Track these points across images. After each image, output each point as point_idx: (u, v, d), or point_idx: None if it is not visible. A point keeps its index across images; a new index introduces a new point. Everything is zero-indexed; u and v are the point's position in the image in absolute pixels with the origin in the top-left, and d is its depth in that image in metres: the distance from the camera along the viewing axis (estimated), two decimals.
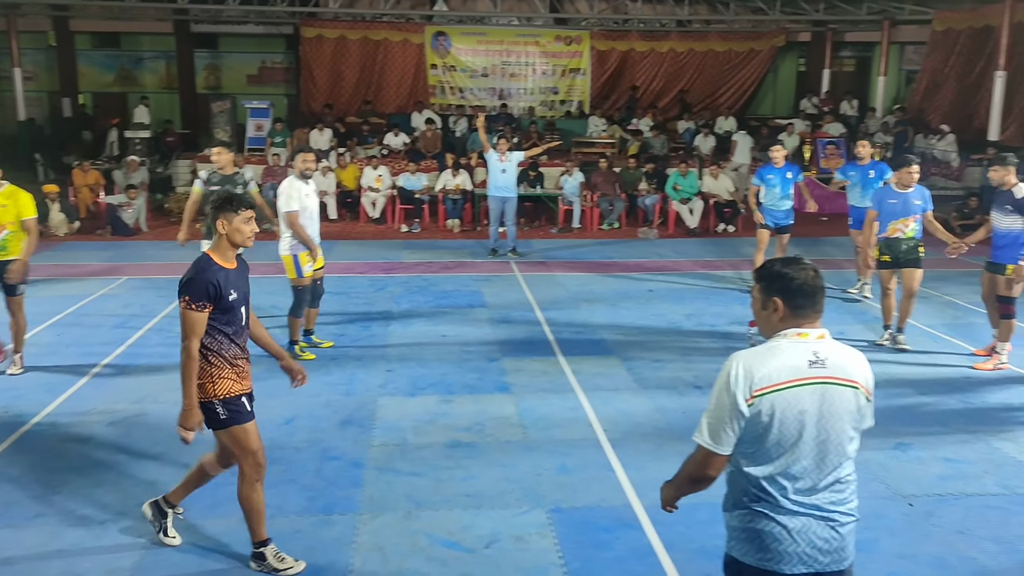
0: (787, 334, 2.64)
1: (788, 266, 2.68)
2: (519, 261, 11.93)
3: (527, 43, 21.70)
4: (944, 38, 19.30)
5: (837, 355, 2.62)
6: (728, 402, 2.59)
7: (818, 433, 2.59)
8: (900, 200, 7.60)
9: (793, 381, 2.56)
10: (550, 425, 6.11)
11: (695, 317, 8.95)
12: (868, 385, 2.68)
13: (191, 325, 3.92)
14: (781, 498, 2.61)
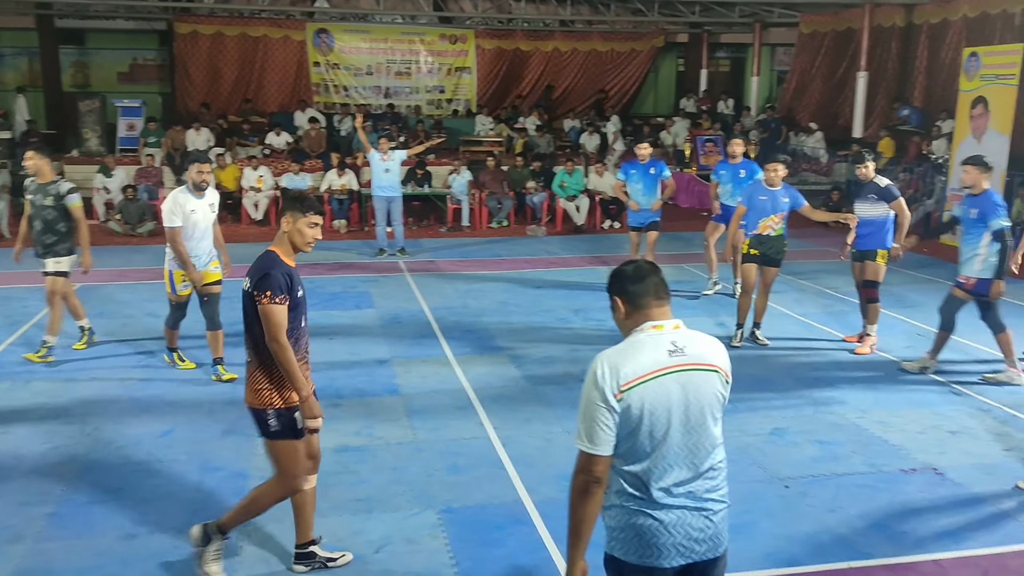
0: (643, 328, 2.69)
1: (623, 266, 2.80)
2: (408, 261, 11.84)
3: (412, 41, 21.58)
4: (810, 40, 20.28)
5: (695, 342, 2.68)
6: (598, 401, 2.60)
7: (687, 420, 2.63)
8: (770, 197, 7.71)
9: (657, 371, 2.60)
10: (441, 425, 6.07)
11: (583, 313, 9.08)
12: (727, 369, 2.73)
13: (276, 320, 3.77)
14: (656, 492, 2.63)
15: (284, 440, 3.96)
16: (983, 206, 6.70)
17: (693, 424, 2.64)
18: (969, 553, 4.38)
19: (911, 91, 17.52)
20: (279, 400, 3.91)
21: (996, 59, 12.58)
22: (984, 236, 6.70)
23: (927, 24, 16.90)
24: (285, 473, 4.01)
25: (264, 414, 3.91)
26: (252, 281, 3.85)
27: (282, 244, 4.00)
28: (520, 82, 22.38)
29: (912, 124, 16.66)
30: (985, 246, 6.69)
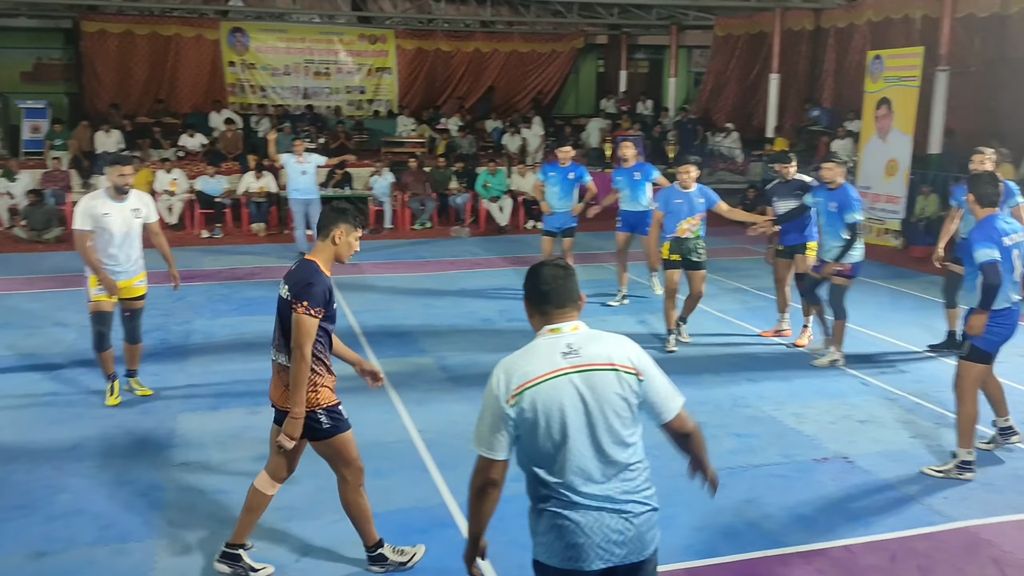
0: (543, 332, 2.71)
1: (531, 268, 2.78)
2: None
3: (331, 41, 21.29)
4: (725, 43, 20.77)
5: (592, 342, 2.66)
6: (492, 406, 2.64)
7: (588, 421, 2.60)
8: (685, 200, 7.67)
9: (549, 374, 2.59)
10: (364, 429, 5.95)
11: (507, 313, 9.11)
12: (636, 364, 2.66)
13: (307, 330, 3.82)
14: (570, 494, 2.62)
15: (338, 436, 4.04)
16: (841, 199, 7.11)
17: (595, 425, 2.61)
18: (878, 538, 4.55)
19: (820, 92, 18.11)
20: (324, 400, 4.00)
21: (898, 62, 13.11)
22: (843, 228, 7.10)
23: (834, 28, 17.49)
24: (348, 460, 4.12)
25: (315, 415, 3.98)
26: (291, 289, 3.87)
27: (324, 254, 4.00)
28: (442, 83, 22.31)
29: (822, 124, 17.22)
30: (845, 236, 7.10)
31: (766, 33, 18.72)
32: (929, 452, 5.64)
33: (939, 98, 13.44)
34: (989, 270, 5.01)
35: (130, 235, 6.34)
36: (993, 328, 5.12)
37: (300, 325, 3.82)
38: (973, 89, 14.46)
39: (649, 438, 2.83)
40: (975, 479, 5.20)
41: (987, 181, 5.27)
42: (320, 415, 3.98)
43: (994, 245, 5.05)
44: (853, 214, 7.06)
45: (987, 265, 5.02)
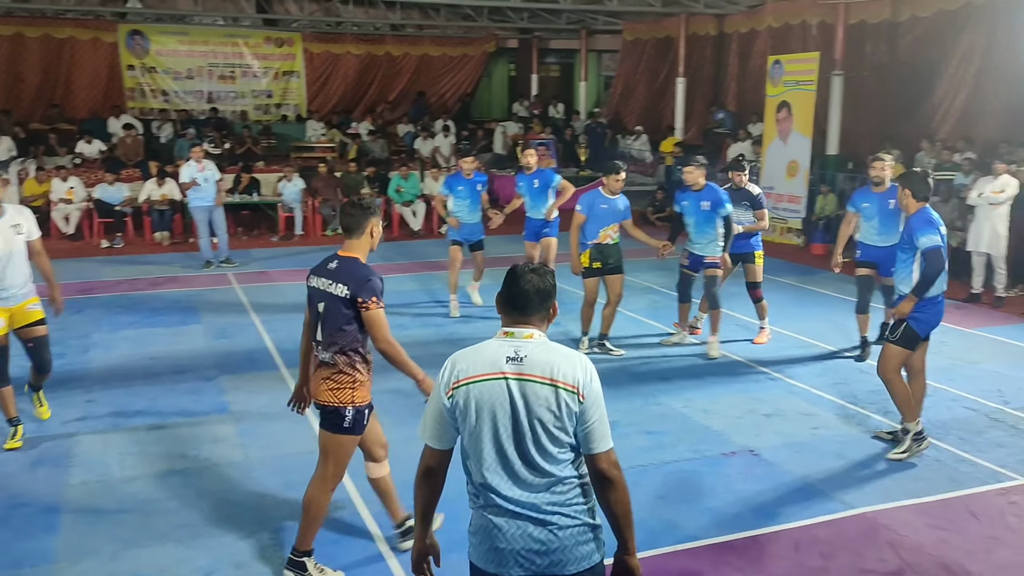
0: (498, 333, 2.72)
1: (513, 274, 2.74)
2: (237, 272, 11.39)
3: (235, 44, 20.76)
4: (633, 47, 21.15)
5: (540, 354, 2.62)
6: (435, 395, 2.70)
7: (516, 430, 2.60)
8: (610, 206, 7.55)
9: (488, 375, 2.62)
10: (274, 442, 5.87)
11: (422, 319, 9.05)
12: (579, 385, 2.59)
13: (385, 322, 3.99)
14: (495, 497, 2.63)
15: (351, 436, 4.09)
16: (711, 198, 7.62)
17: (523, 434, 2.60)
18: (783, 527, 4.68)
19: (725, 96, 18.61)
20: (359, 398, 4.06)
21: (797, 66, 13.58)
22: (717, 222, 7.64)
23: (737, 33, 18.00)
24: (339, 467, 4.15)
25: (342, 411, 4.02)
26: (352, 287, 3.92)
27: (363, 248, 4.12)
28: (353, 87, 22.04)
29: (726, 127, 17.70)
30: (719, 230, 7.68)
31: (672, 38, 19.14)
32: (830, 443, 5.83)
33: (835, 101, 13.97)
34: (933, 255, 5.30)
35: (13, 255, 5.62)
36: (926, 313, 5.43)
37: (378, 320, 3.95)
38: (866, 92, 15.09)
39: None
40: (871, 468, 5.42)
41: (921, 177, 5.58)
42: (348, 412, 4.04)
43: (936, 231, 5.35)
44: (725, 208, 7.59)
45: (931, 250, 5.31)
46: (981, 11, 13.10)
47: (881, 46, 15.02)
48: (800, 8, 15.82)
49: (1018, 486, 5.18)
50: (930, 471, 5.39)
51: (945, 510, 4.89)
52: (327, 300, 3.99)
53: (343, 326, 3.96)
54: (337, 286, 3.96)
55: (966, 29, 13.42)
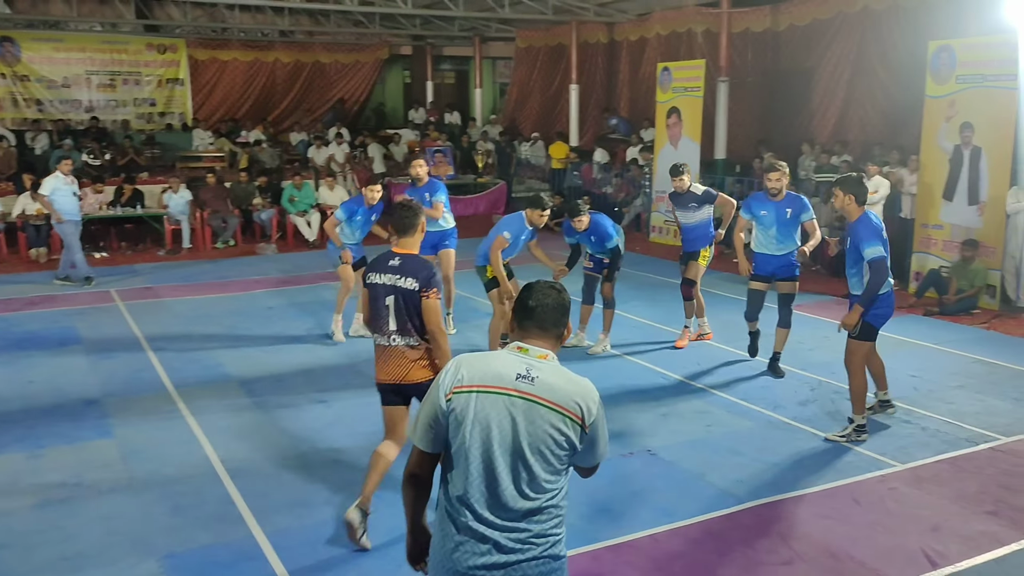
0: (510, 346, 2.62)
1: (531, 288, 2.67)
2: (121, 289, 10.89)
3: (114, 51, 19.95)
4: (527, 55, 21.35)
5: (552, 377, 2.52)
6: (434, 396, 2.56)
7: (511, 450, 2.47)
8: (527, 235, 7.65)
9: (493, 387, 2.50)
10: (162, 465, 5.63)
11: (318, 330, 8.85)
12: (585, 416, 2.51)
13: (439, 309, 4.49)
14: (467, 512, 2.50)
15: None
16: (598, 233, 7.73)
17: (516, 457, 2.47)
18: (680, 524, 4.78)
19: (618, 102, 18.99)
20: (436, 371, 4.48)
21: (685, 73, 13.97)
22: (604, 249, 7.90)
23: (627, 41, 18.40)
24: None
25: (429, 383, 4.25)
26: (419, 280, 4.41)
27: (416, 245, 4.63)
28: (240, 94, 21.48)
29: (620, 133, 18.06)
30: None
31: (564, 45, 19.41)
32: (724, 439, 6.00)
33: (721, 107, 14.44)
34: (877, 266, 5.57)
35: None
36: (879, 308, 5.75)
37: (435, 308, 4.44)
38: (750, 98, 15.66)
39: None
40: (762, 462, 5.60)
41: (857, 182, 5.84)
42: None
43: (879, 241, 5.61)
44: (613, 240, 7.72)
45: (876, 261, 5.57)
46: (852, 20, 13.79)
47: (763, 54, 15.62)
48: (686, 17, 16.29)
49: (896, 472, 5.44)
50: (816, 462, 5.61)
51: (831, 499, 5.09)
52: (397, 293, 4.44)
53: (414, 314, 4.44)
54: (406, 280, 4.42)
55: (839, 37, 14.10)
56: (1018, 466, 5.51)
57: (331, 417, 6.46)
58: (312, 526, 4.79)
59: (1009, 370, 7.48)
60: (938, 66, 10.05)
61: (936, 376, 7.31)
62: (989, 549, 4.48)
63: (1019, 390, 6.95)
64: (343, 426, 6.28)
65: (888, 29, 13.35)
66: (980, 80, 9.56)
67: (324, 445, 5.93)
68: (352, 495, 5.13)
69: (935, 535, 4.64)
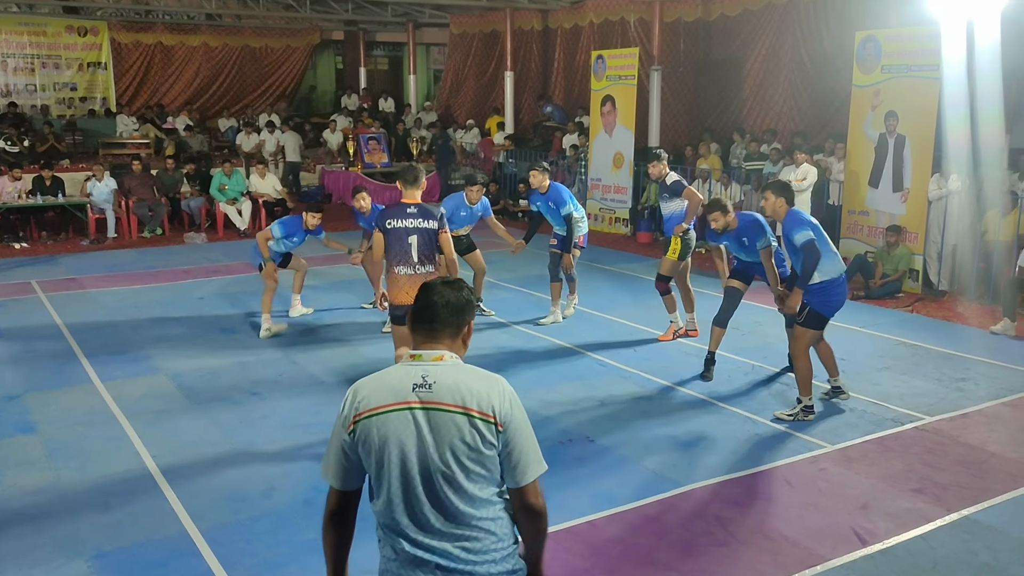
0: (404, 357, 2.46)
1: (423, 288, 2.50)
2: (42, 280, 10.49)
3: (32, 33, 19.17)
4: (461, 41, 21.22)
5: (451, 378, 2.35)
6: (337, 430, 2.40)
7: (425, 465, 2.32)
8: (468, 213, 8.49)
9: (392, 405, 2.34)
10: (88, 461, 5.45)
11: (252, 322, 8.67)
12: (498, 413, 2.33)
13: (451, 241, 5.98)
14: (403, 541, 2.35)
15: None
16: (555, 198, 8.28)
17: (433, 471, 2.32)
18: (618, 510, 4.82)
19: (553, 90, 19.02)
20: None
21: (618, 61, 14.06)
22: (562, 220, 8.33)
23: (561, 28, 18.43)
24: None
25: None
26: (437, 221, 5.79)
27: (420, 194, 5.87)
28: (168, 79, 20.88)
29: (556, 120, 18.10)
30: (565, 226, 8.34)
31: (499, 32, 19.34)
32: (660, 425, 6.07)
33: (655, 95, 14.59)
34: (807, 248, 5.81)
35: None
36: (826, 296, 5.94)
37: (449, 240, 5.89)
38: (683, 87, 15.86)
39: None
40: (698, 446, 5.69)
41: (785, 185, 6.25)
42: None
43: (807, 227, 5.87)
44: (568, 207, 8.24)
45: (805, 244, 5.82)
46: (781, 11, 14.06)
47: (695, 43, 15.82)
48: (619, 5, 16.39)
49: (826, 453, 5.58)
50: (751, 445, 5.72)
51: (764, 481, 5.20)
52: (418, 233, 5.72)
53: (435, 246, 5.79)
54: (427, 221, 5.74)
55: (768, 27, 14.36)
56: (941, 444, 5.72)
57: (265, 410, 6.34)
58: (248, 521, 4.70)
59: (931, 352, 7.75)
60: (864, 56, 10.32)
61: (863, 359, 7.53)
62: (916, 526, 4.64)
63: (941, 371, 7.20)
64: (278, 418, 6.17)
65: (816, 19, 13.65)
66: (904, 70, 9.85)
67: (259, 438, 5.82)
68: (289, 488, 5.05)
69: (864, 513, 4.78)
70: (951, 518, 4.72)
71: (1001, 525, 4.65)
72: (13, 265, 11.31)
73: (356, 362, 7.41)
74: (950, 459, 5.48)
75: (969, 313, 9.12)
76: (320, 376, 7.08)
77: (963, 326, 8.70)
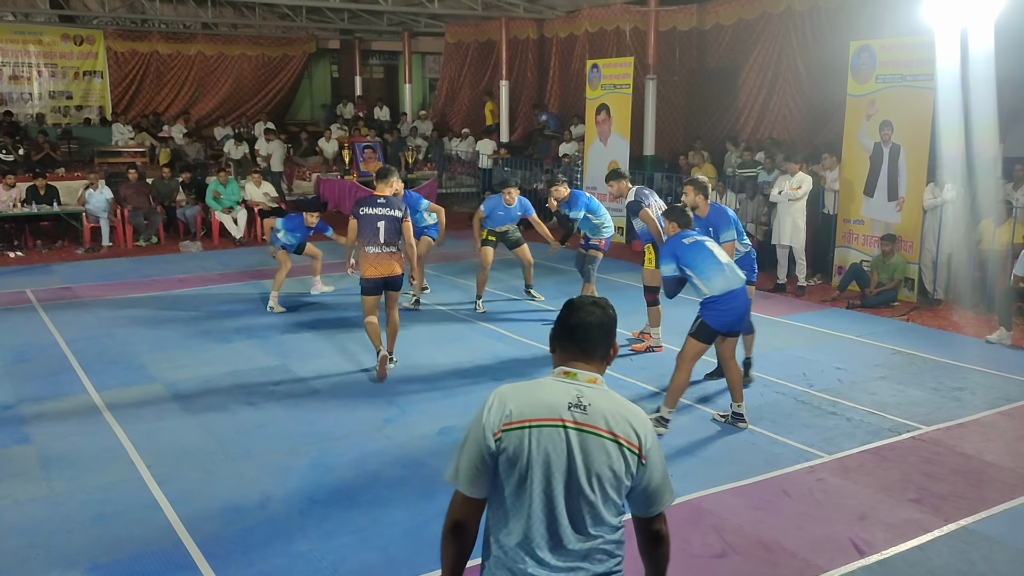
0: (555, 373, 2.44)
1: (571, 306, 2.49)
2: (37, 290, 10.46)
3: (27, 42, 19.17)
4: (456, 50, 21.27)
5: (604, 403, 2.35)
6: (477, 436, 2.34)
7: (570, 486, 2.30)
8: (507, 212, 9.27)
9: (548, 420, 2.31)
10: (83, 472, 5.42)
11: (247, 331, 8.65)
12: (642, 444, 2.34)
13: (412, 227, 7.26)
14: (527, 559, 2.31)
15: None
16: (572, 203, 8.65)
17: (576, 494, 2.31)
18: None
19: (549, 98, 19.06)
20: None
21: (613, 70, 14.09)
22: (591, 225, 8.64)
23: (556, 37, 18.48)
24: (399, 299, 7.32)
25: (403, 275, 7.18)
26: (400, 211, 6.96)
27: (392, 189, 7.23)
28: (164, 87, 20.88)
29: (551, 128, 18.13)
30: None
31: (494, 41, 19.39)
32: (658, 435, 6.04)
33: (650, 104, 14.62)
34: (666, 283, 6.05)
35: None
36: (715, 312, 5.83)
37: (409, 229, 7.05)
38: (677, 96, 15.90)
39: (403, 448, 2.74)
40: (695, 455, 5.68)
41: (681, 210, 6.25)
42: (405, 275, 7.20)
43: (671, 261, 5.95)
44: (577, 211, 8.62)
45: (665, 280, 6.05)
46: (776, 21, 14.12)
47: (690, 52, 15.88)
48: (614, 14, 16.45)
49: (823, 464, 5.58)
50: (747, 455, 5.72)
51: (761, 491, 5.19)
52: (386, 220, 6.86)
53: (400, 231, 6.94)
54: (394, 211, 6.91)
55: (763, 37, 14.42)
56: (938, 454, 5.72)
57: (261, 419, 6.32)
58: (243, 531, 4.67)
59: (927, 361, 7.76)
60: (859, 66, 10.36)
61: (859, 368, 7.53)
62: (913, 536, 4.63)
63: (937, 380, 7.21)
64: (273, 428, 6.15)
65: (810, 29, 13.71)
66: (899, 80, 9.89)
67: (255, 448, 5.80)
68: (284, 499, 5.03)
69: (862, 524, 4.77)
70: (948, 528, 4.72)
71: (999, 535, 4.65)
72: (8, 274, 11.28)
73: (350, 370, 7.40)
74: (947, 469, 5.48)
75: (965, 322, 9.14)
76: (315, 385, 7.06)
77: (959, 335, 8.71)
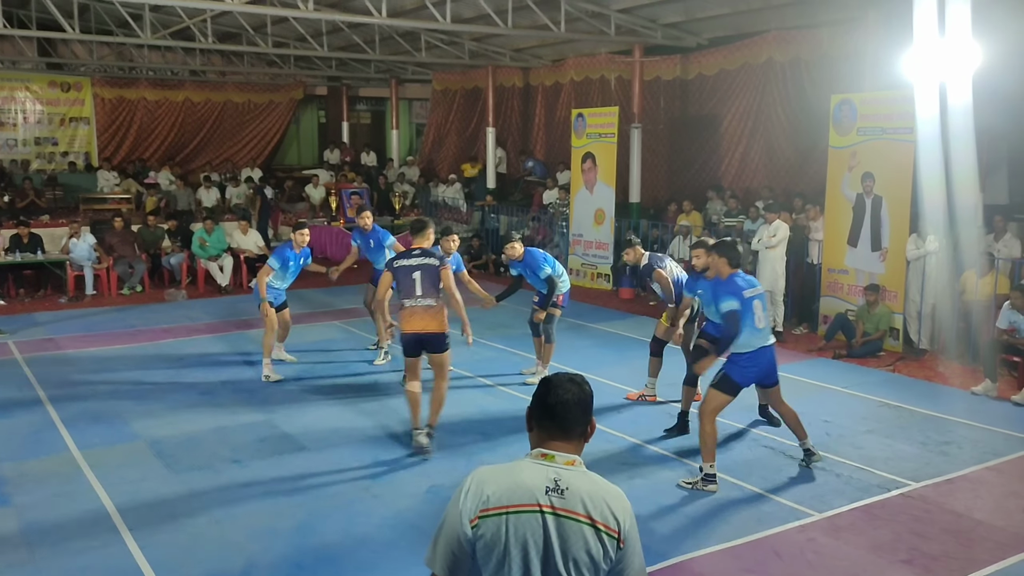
0: (533, 454, 2.41)
1: (548, 384, 2.46)
2: (19, 341, 10.35)
3: (14, 88, 19.21)
4: (443, 97, 21.47)
5: (582, 486, 2.33)
6: (453, 521, 2.32)
7: (546, 570, 2.29)
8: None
9: (525, 506, 2.29)
10: (64, 536, 5.31)
11: (232, 384, 8.57)
12: (621, 529, 2.33)
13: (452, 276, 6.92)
14: None
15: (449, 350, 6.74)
16: (530, 263, 8.42)
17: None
18: None
19: (534, 145, 19.23)
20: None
21: (599, 119, 14.27)
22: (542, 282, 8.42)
23: (542, 85, 18.69)
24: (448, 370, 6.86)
25: (445, 335, 6.66)
26: (437, 259, 6.76)
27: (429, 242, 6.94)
28: (150, 134, 20.93)
29: (537, 175, 18.26)
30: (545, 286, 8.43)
31: (481, 88, 19.59)
32: (647, 492, 6.00)
33: (635, 152, 14.76)
34: (728, 318, 5.92)
35: None
36: (740, 365, 5.98)
37: (450, 275, 6.76)
38: (661, 144, 16.08)
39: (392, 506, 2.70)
40: (686, 516, 5.64)
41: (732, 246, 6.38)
42: (448, 335, 6.68)
43: (734, 297, 5.93)
44: (545, 269, 8.37)
45: (727, 315, 5.93)
46: (757, 71, 14.34)
47: (673, 101, 16.07)
48: (599, 64, 16.68)
49: (814, 523, 5.55)
50: (738, 513, 5.68)
51: (753, 551, 5.15)
52: (422, 270, 6.65)
53: (437, 283, 6.65)
54: (430, 260, 6.73)
55: (744, 87, 14.63)
56: (928, 512, 5.70)
57: (247, 478, 6.23)
58: None
59: (915, 414, 7.77)
60: (840, 118, 10.52)
61: (847, 420, 7.53)
62: None
63: (924, 434, 7.22)
64: (259, 487, 6.06)
65: (790, 81, 13.93)
66: (880, 132, 10.04)
67: (240, 509, 5.71)
68: (268, 565, 4.94)
69: None
70: None
71: None
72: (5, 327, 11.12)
73: (338, 427, 7.33)
74: (937, 528, 5.47)
75: (950, 373, 9.18)
76: (302, 442, 6.98)
77: (945, 386, 8.74)
